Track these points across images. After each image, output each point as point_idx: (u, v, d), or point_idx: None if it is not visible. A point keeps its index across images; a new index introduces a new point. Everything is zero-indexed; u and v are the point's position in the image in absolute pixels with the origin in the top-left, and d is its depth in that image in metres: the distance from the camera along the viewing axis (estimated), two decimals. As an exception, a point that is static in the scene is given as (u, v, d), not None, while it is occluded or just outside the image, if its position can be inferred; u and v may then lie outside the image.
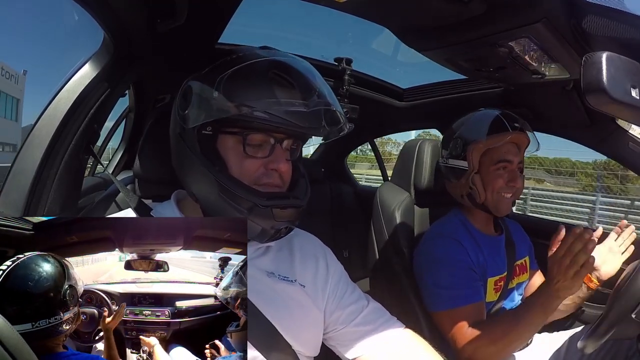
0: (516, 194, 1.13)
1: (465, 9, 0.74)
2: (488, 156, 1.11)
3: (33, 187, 0.74)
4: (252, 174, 0.64)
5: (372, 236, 1.40)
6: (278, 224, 0.63)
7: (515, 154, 1.11)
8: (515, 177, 1.10)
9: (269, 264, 0.71)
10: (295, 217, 0.65)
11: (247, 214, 0.61)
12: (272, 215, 0.62)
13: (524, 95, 1.27)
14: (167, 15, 0.81)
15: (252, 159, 0.64)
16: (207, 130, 0.64)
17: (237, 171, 0.64)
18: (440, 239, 1.12)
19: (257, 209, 0.61)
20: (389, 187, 1.43)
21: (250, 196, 0.62)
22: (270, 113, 0.60)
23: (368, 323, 0.74)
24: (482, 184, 1.11)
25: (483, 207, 1.13)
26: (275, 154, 0.65)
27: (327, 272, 0.76)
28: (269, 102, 0.60)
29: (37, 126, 0.78)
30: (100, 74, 0.84)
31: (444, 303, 1.04)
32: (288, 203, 0.64)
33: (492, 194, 1.10)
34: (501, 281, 1.12)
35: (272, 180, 0.65)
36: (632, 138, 1.17)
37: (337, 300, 0.75)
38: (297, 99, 0.61)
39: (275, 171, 0.65)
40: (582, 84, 0.65)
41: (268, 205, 0.62)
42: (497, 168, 1.10)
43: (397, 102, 1.73)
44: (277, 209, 0.62)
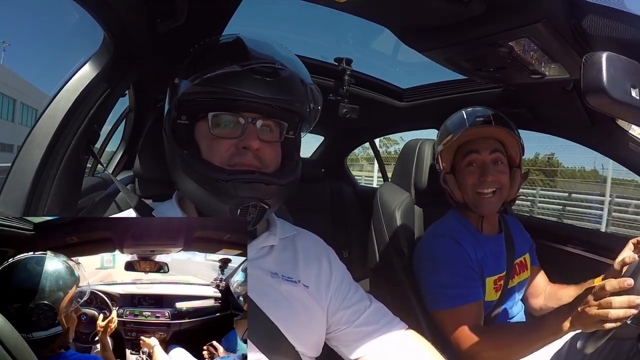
0: (500, 190, 1.09)
1: (465, 9, 0.74)
2: (459, 154, 1.12)
3: (33, 187, 0.74)
4: (222, 154, 0.63)
5: (372, 236, 1.40)
6: (241, 201, 0.61)
7: (486, 147, 1.09)
8: (486, 172, 1.07)
9: (272, 264, 0.71)
10: (263, 195, 0.62)
11: (211, 193, 0.61)
12: (233, 191, 0.60)
13: (524, 95, 1.27)
14: (167, 15, 0.81)
15: (221, 140, 0.64)
16: (183, 120, 0.65)
17: (207, 154, 0.64)
18: (439, 239, 1.12)
19: (218, 185, 0.60)
20: (389, 187, 1.43)
21: (211, 172, 0.61)
22: (224, 87, 0.60)
23: (370, 323, 0.74)
24: (457, 183, 1.12)
25: (466, 206, 1.13)
26: (247, 133, 0.63)
27: (330, 272, 0.76)
28: (222, 77, 0.60)
29: (37, 126, 0.78)
30: (100, 74, 0.84)
31: (444, 302, 1.04)
32: (253, 178, 0.61)
33: (467, 192, 1.10)
34: (500, 280, 1.12)
35: (245, 159, 0.63)
36: (632, 138, 1.17)
37: (340, 300, 0.75)
38: (251, 70, 0.60)
39: (248, 150, 0.63)
40: (582, 84, 0.65)
41: (228, 179, 0.60)
42: (467, 164, 1.10)
43: (397, 102, 1.73)
44: (238, 183, 0.60)
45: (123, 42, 0.86)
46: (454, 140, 1.11)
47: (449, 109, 1.21)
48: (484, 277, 1.09)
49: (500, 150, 1.10)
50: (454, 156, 1.14)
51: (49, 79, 59.40)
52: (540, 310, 1.24)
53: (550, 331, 0.86)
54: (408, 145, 1.40)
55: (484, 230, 1.15)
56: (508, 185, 1.11)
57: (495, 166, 1.09)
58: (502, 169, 1.10)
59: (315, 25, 3.93)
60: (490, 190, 1.08)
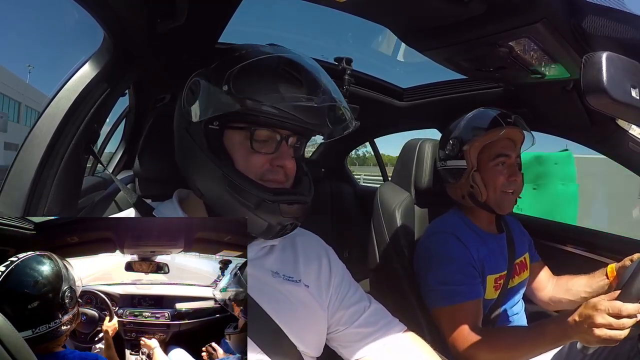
0: (517, 190, 1.13)
1: (465, 9, 0.74)
2: (486, 153, 1.12)
3: (33, 187, 0.74)
4: (257, 169, 0.64)
5: (373, 236, 1.40)
6: (284, 220, 0.63)
7: (512, 148, 1.12)
8: (515, 172, 1.11)
9: (273, 263, 0.71)
10: (301, 214, 0.65)
11: (253, 209, 0.61)
12: (279, 210, 0.62)
13: (524, 95, 1.27)
14: (167, 15, 0.81)
15: (259, 155, 0.64)
16: (214, 125, 0.64)
17: (243, 166, 0.64)
18: (439, 236, 1.12)
19: (265, 204, 0.61)
20: (389, 187, 1.43)
21: (258, 191, 0.62)
22: (278, 108, 0.60)
23: (370, 325, 0.74)
24: (483, 182, 1.11)
25: (485, 206, 1.13)
26: (281, 151, 0.65)
27: (330, 272, 0.76)
28: (277, 97, 0.61)
29: (37, 126, 0.78)
30: (100, 74, 0.84)
31: (443, 299, 1.04)
32: (295, 199, 0.64)
33: (495, 191, 1.10)
34: (501, 279, 1.12)
35: (278, 176, 0.65)
36: (632, 138, 1.16)
37: (340, 300, 0.75)
38: (305, 95, 0.61)
39: (281, 168, 0.65)
40: (582, 84, 0.65)
41: (275, 200, 0.62)
42: (496, 164, 1.11)
43: (397, 102, 1.73)
44: (284, 204, 0.62)
45: (123, 42, 0.85)
46: (485, 138, 1.11)
47: (449, 108, 1.21)
48: (485, 274, 1.09)
49: (519, 154, 1.15)
50: (478, 155, 1.13)
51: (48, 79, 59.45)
52: (550, 301, 1.23)
53: (550, 340, 0.86)
54: (408, 145, 1.40)
55: (486, 229, 1.16)
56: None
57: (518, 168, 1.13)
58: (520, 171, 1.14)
59: (315, 25, 3.94)
60: (512, 190, 1.11)
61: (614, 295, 0.77)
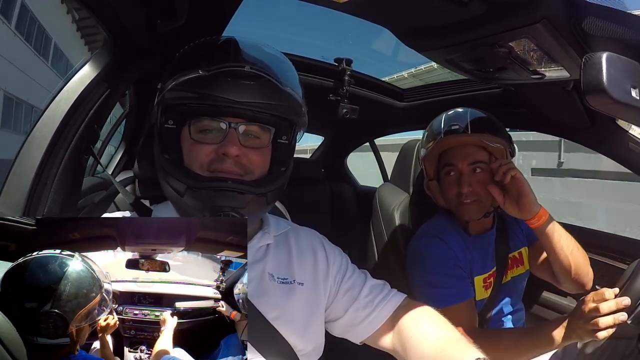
0: (480, 199, 1.03)
1: (465, 10, 0.74)
2: (441, 161, 1.10)
3: (33, 188, 0.74)
4: (203, 159, 0.62)
5: (372, 236, 1.40)
6: (214, 209, 0.60)
7: (463, 156, 1.04)
8: (462, 183, 1.03)
9: (269, 265, 0.70)
10: (238, 204, 0.60)
11: (182, 195, 0.61)
12: (206, 197, 0.60)
13: (524, 96, 1.27)
14: (167, 15, 0.81)
15: (201, 145, 0.62)
16: (170, 124, 0.65)
17: (188, 159, 0.63)
18: (426, 238, 1.11)
19: (192, 192, 0.60)
20: (388, 188, 1.43)
21: (185, 179, 0.61)
22: (196, 91, 0.59)
23: (367, 306, 0.73)
24: (439, 191, 1.11)
25: (450, 212, 1.12)
26: (227, 139, 0.61)
27: (327, 261, 0.76)
28: (191, 80, 0.59)
29: (37, 126, 0.78)
30: (100, 74, 0.84)
31: (435, 302, 1.02)
32: (225, 186, 0.60)
33: (449, 201, 1.09)
34: (490, 278, 1.11)
35: (225, 166, 0.61)
36: (632, 138, 1.16)
37: (339, 285, 0.75)
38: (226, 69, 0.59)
39: (227, 157, 0.61)
40: (582, 84, 0.65)
41: (200, 187, 0.60)
42: (446, 173, 1.08)
43: (397, 103, 1.73)
44: (211, 191, 0.59)
45: (123, 42, 0.85)
46: (431, 149, 1.09)
47: (449, 109, 1.21)
48: (473, 276, 1.08)
49: (479, 160, 1.04)
50: (437, 162, 1.12)
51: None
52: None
53: (546, 341, 0.86)
54: (407, 146, 1.40)
55: (473, 230, 1.12)
56: (488, 194, 1.02)
57: (474, 175, 1.04)
58: (481, 178, 1.03)
59: (315, 26, 3.94)
60: (469, 200, 1.04)
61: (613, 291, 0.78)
